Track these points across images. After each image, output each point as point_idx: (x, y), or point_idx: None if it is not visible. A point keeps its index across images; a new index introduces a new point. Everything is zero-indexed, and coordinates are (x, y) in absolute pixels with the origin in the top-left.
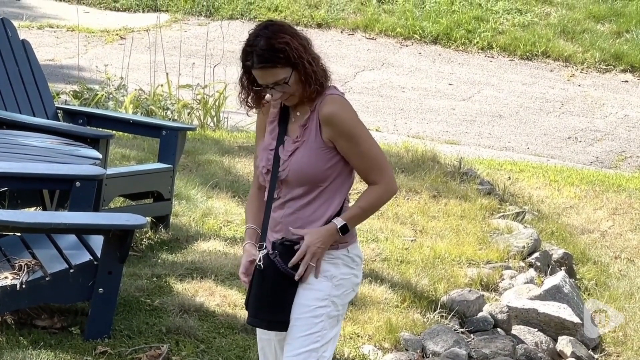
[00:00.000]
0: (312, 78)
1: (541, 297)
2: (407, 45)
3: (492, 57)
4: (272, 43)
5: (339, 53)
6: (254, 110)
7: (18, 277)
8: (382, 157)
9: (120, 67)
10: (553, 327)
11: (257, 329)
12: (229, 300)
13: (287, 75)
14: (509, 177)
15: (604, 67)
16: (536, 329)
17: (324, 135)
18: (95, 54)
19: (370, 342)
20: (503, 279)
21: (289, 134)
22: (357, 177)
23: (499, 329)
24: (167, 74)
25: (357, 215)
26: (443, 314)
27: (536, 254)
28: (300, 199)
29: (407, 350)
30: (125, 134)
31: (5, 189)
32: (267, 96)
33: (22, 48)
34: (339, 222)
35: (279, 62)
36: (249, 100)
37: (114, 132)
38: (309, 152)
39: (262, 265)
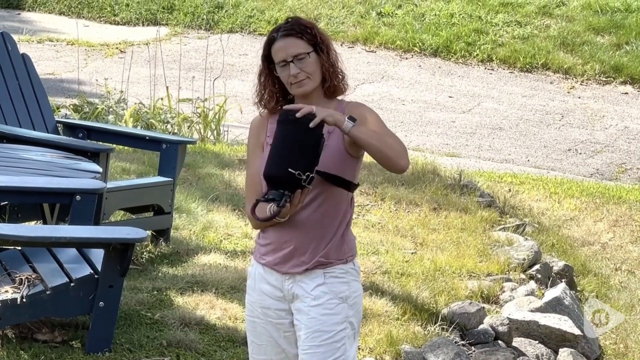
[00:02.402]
0: (331, 71)
1: (542, 309)
2: (407, 58)
3: (492, 69)
4: (301, 21)
5: None
6: (266, 111)
7: (18, 291)
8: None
9: (120, 81)
10: (554, 339)
11: (251, 353)
12: (229, 314)
13: (308, 51)
14: (509, 190)
15: (604, 79)
16: (537, 341)
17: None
18: (95, 67)
19: (371, 355)
20: (504, 291)
21: None
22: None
23: (499, 341)
24: (167, 87)
25: (367, 132)
26: (444, 327)
27: (537, 266)
28: (314, 201)
29: None
30: (126, 147)
31: (6, 203)
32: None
33: (22, 62)
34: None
35: (305, 35)
36: (264, 98)
37: (114, 145)
38: (333, 154)
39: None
